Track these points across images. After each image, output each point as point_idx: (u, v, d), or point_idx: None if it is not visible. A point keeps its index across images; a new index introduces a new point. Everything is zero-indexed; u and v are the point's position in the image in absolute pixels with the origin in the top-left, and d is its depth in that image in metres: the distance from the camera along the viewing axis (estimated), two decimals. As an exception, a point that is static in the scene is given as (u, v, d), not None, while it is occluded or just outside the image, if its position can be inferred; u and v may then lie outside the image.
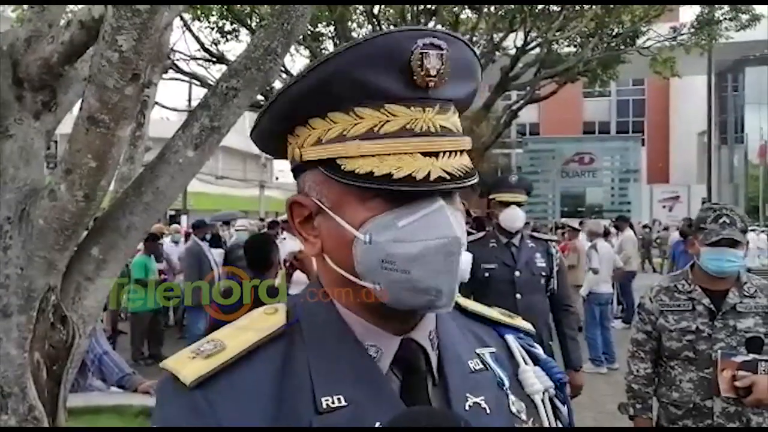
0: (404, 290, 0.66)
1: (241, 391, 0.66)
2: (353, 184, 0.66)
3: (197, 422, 0.64)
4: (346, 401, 0.65)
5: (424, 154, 0.66)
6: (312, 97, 0.68)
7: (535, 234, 3.60)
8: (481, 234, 3.40)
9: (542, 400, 0.77)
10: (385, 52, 0.66)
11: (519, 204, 3.22)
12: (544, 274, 3.22)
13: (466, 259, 0.67)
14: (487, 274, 3.06)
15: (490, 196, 3.29)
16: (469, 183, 0.68)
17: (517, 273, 3.15)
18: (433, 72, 0.66)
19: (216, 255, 7.48)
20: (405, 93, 0.66)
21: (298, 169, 0.73)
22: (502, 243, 3.23)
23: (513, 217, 3.19)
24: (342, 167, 0.67)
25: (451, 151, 0.67)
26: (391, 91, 0.66)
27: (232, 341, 0.69)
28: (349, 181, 0.66)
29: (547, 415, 0.77)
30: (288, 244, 5.24)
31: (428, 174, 0.65)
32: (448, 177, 0.65)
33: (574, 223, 9.17)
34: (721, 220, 2.22)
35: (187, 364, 0.67)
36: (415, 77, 0.66)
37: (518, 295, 3.02)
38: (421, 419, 0.63)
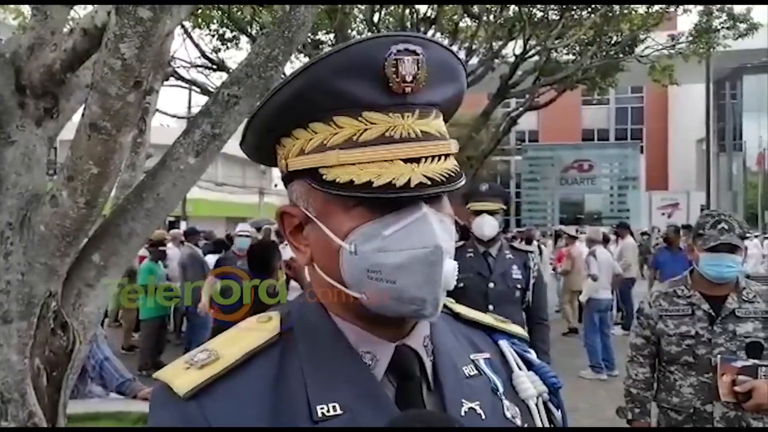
0: (390, 299, 0.66)
1: (236, 401, 0.65)
2: (335, 193, 0.66)
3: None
4: (341, 409, 0.65)
5: (405, 160, 0.65)
6: (290, 108, 0.68)
7: (515, 245, 3.56)
8: (461, 243, 3.35)
9: (536, 405, 0.77)
10: (359, 61, 0.65)
11: (492, 212, 3.18)
12: (519, 286, 3.19)
13: (450, 267, 0.66)
14: (461, 284, 3.01)
15: (467, 206, 3.26)
16: (454, 187, 0.66)
17: (491, 284, 3.13)
18: (409, 78, 0.65)
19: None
20: (382, 100, 0.66)
21: (286, 179, 0.73)
22: (479, 253, 3.21)
23: (481, 225, 3.17)
24: (323, 177, 0.66)
25: (433, 156, 0.66)
26: (367, 99, 0.66)
27: (227, 350, 0.69)
28: (330, 191, 0.66)
29: (541, 420, 0.77)
30: (288, 251, 5.25)
31: (408, 180, 0.64)
32: (429, 182, 0.64)
33: (570, 230, 9.23)
34: (719, 226, 2.24)
35: (180, 374, 0.67)
36: (390, 84, 0.65)
37: (490, 306, 2.95)
38: (416, 423, 0.63)
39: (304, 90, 0.66)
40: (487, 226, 3.18)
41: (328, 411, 0.65)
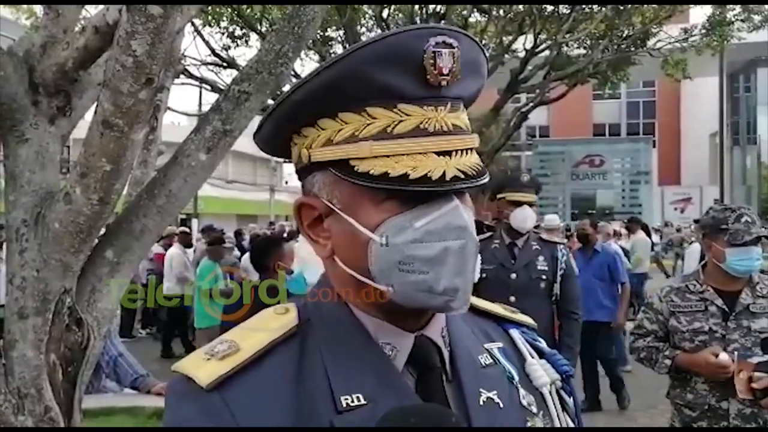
0: (420, 291, 0.66)
1: (259, 392, 0.65)
2: (368, 186, 0.65)
3: (216, 424, 0.64)
4: (365, 399, 0.65)
5: (438, 153, 0.65)
6: (323, 97, 0.67)
7: (544, 236, 3.46)
8: (488, 234, 3.32)
9: (550, 393, 0.78)
10: (398, 52, 0.65)
11: (530, 204, 3.14)
12: (544, 278, 3.11)
13: (477, 259, 0.68)
14: (484, 275, 2.98)
15: (500, 195, 3.20)
16: (482, 181, 0.67)
17: (513, 275, 3.07)
18: (446, 71, 0.66)
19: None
20: (418, 92, 0.66)
21: (305, 170, 0.72)
22: (505, 244, 3.17)
23: (524, 217, 3.11)
24: (355, 168, 0.66)
25: (463, 150, 0.67)
26: (404, 90, 0.66)
27: (246, 342, 0.69)
28: (363, 183, 0.65)
29: (555, 408, 0.78)
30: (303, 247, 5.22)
31: (443, 174, 0.64)
32: (462, 176, 0.65)
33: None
34: (743, 219, 2.21)
35: (202, 366, 0.67)
36: (428, 76, 0.65)
37: (512, 298, 2.91)
38: (411, 417, 0.62)
39: (339, 79, 0.66)
40: (529, 218, 3.14)
41: (353, 401, 0.65)
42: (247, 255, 7.03)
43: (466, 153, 0.68)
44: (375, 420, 0.64)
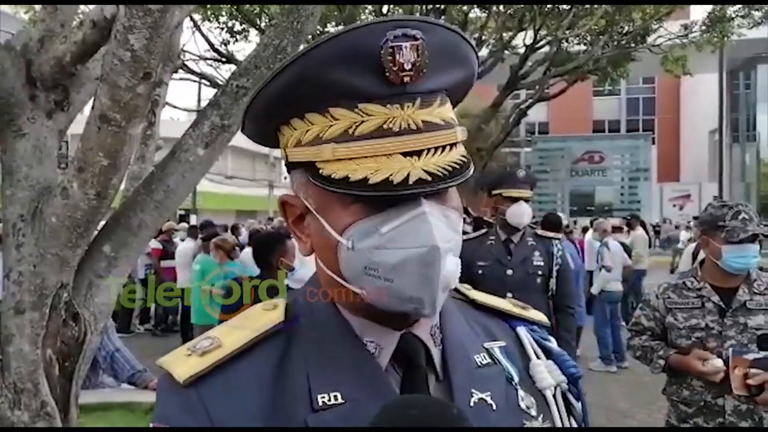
0: (389, 297, 0.64)
1: (236, 389, 0.64)
2: (330, 190, 0.63)
3: (190, 420, 0.63)
4: (342, 398, 0.64)
5: (405, 154, 0.61)
6: (284, 99, 0.65)
7: (539, 232, 3.42)
8: (483, 231, 3.32)
9: (554, 396, 0.74)
10: (354, 49, 0.61)
11: (526, 200, 3.16)
12: (540, 273, 3.13)
13: (452, 265, 0.63)
14: (480, 272, 3.01)
15: (495, 192, 3.21)
16: (457, 181, 0.63)
17: (509, 271, 3.08)
18: (407, 66, 0.61)
19: None
20: (379, 91, 0.62)
21: (289, 167, 0.71)
22: (500, 240, 3.18)
23: (521, 213, 3.13)
24: (320, 171, 0.63)
25: (436, 148, 0.62)
26: (363, 89, 0.62)
27: (229, 338, 0.68)
28: (326, 187, 0.63)
29: (558, 411, 0.74)
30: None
31: (407, 176, 0.60)
32: (429, 178, 0.61)
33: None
34: (741, 217, 2.20)
35: (182, 361, 0.66)
36: (387, 74, 0.61)
37: (509, 294, 2.82)
38: (412, 409, 0.60)
39: (296, 81, 0.63)
40: (526, 214, 3.15)
41: (329, 400, 0.63)
42: (245, 250, 7.02)
43: (441, 150, 0.63)
44: (352, 419, 0.62)
